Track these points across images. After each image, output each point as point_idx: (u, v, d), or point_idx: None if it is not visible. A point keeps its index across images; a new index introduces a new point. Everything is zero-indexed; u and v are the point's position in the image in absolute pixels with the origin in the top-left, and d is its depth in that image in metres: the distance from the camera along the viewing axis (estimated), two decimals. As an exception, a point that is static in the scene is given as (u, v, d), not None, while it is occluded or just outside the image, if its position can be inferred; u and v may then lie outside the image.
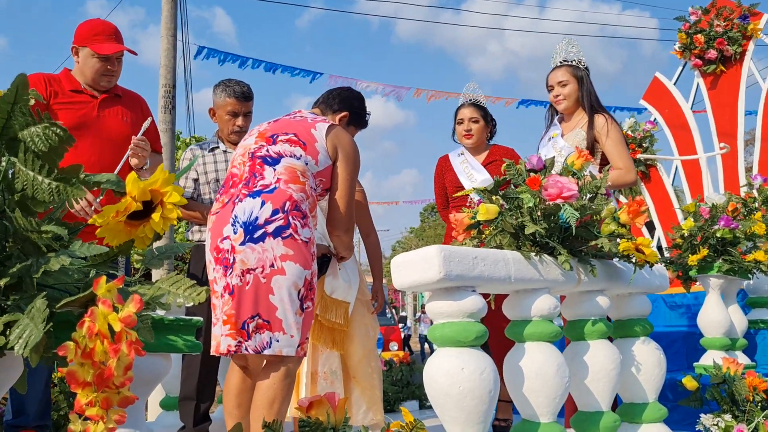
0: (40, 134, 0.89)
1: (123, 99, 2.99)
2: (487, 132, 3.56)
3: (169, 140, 9.01)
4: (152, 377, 1.19)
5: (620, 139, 3.13)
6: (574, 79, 3.21)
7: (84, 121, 2.80)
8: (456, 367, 1.96)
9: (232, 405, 2.36)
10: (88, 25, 2.90)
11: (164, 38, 9.17)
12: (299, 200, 2.27)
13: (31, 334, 0.80)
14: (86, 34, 2.86)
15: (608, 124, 3.13)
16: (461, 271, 1.99)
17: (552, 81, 3.26)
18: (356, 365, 2.86)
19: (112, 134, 2.86)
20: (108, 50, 2.83)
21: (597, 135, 3.14)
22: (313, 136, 2.37)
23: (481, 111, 3.52)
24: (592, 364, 2.40)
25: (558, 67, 3.26)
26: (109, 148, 2.83)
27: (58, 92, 2.80)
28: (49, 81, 2.81)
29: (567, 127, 3.29)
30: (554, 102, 3.28)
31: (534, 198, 2.25)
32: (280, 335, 2.16)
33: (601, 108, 3.24)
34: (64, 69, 2.95)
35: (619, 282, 2.52)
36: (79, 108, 2.81)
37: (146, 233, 1.03)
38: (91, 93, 2.86)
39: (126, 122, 2.93)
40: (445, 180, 3.61)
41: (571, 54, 3.27)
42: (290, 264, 2.19)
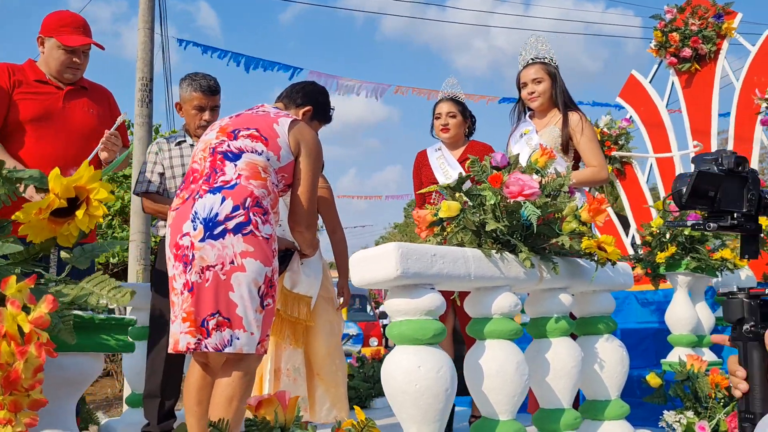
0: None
1: (89, 92, 2.95)
2: (465, 127, 3.55)
3: (146, 134, 8.92)
4: (80, 378, 1.16)
5: (594, 137, 3.15)
6: (548, 77, 3.21)
7: (49, 112, 2.76)
8: (413, 365, 1.95)
9: (192, 402, 2.33)
10: (57, 16, 2.86)
11: (141, 31, 9.07)
12: (260, 196, 2.25)
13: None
14: (54, 25, 2.82)
15: (582, 122, 3.14)
16: (419, 269, 1.98)
17: (525, 78, 3.26)
18: (320, 362, 2.85)
19: (78, 126, 2.82)
20: (74, 42, 2.80)
21: (571, 132, 3.14)
22: (276, 131, 2.35)
23: (459, 106, 3.51)
24: (554, 361, 2.40)
25: (531, 65, 3.25)
26: (74, 140, 2.79)
27: (22, 81, 2.75)
28: (13, 71, 2.76)
29: (540, 124, 3.29)
30: (528, 99, 3.28)
31: (495, 195, 2.25)
32: (241, 333, 2.14)
33: (574, 105, 3.25)
34: (28, 59, 2.90)
35: (582, 279, 2.52)
36: (44, 99, 2.77)
37: (71, 231, 1.01)
38: (56, 84, 2.82)
39: (92, 114, 2.89)
40: (422, 175, 3.60)
41: (541, 51, 3.27)
42: (250, 261, 2.17)
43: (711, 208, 1.25)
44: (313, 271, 2.88)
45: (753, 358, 1.16)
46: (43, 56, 2.82)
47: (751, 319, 1.18)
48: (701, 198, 1.23)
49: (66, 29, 2.81)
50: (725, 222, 1.25)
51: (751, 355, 1.16)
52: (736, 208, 1.23)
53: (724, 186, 1.22)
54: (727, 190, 1.23)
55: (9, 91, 2.68)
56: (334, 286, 3.03)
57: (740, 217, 1.23)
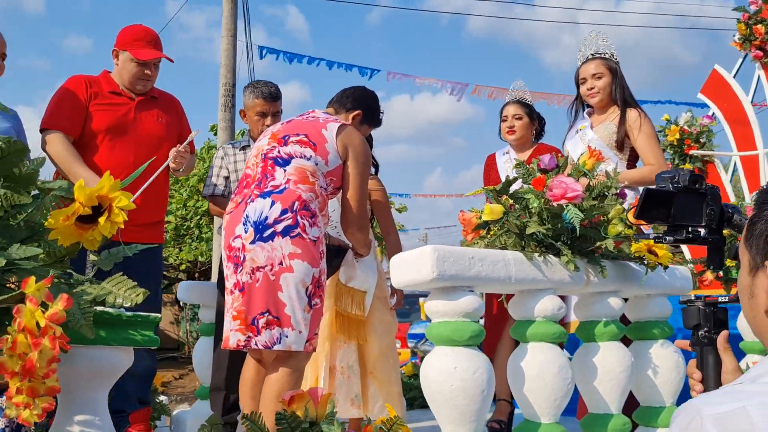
0: (-18, 148, 0.99)
1: (159, 101, 3.14)
2: (532, 129, 3.53)
3: (229, 137, 9.29)
4: (110, 369, 1.27)
5: (652, 135, 3.07)
6: (609, 72, 3.16)
7: (122, 122, 2.95)
8: (449, 365, 1.99)
9: (247, 396, 2.46)
10: (130, 30, 3.05)
11: (224, 38, 9.47)
12: (308, 200, 2.34)
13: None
14: (127, 39, 3.01)
15: (641, 119, 3.07)
16: (456, 271, 2.01)
17: (584, 74, 3.21)
18: (374, 361, 2.92)
19: (148, 135, 3.01)
20: (146, 56, 2.98)
21: (628, 129, 3.08)
22: (324, 137, 2.43)
23: (526, 108, 3.49)
24: (602, 365, 2.37)
25: (591, 60, 3.20)
26: (145, 148, 2.97)
27: (98, 93, 2.95)
28: (90, 83, 2.97)
29: (597, 120, 3.23)
30: (587, 95, 3.23)
31: (539, 199, 2.25)
32: (289, 331, 2.24)
33: (633, 102, 3.18)
34: (103, 71, 3.10)
35: (633, 283, 2.48)
36: (117, 109, 2.96)
37: (95, 236, 1.12)
38: (128, 95, 3.01)
39: (161, 123, 3.08)
40: (491, 178, 3.61)
41: (601, 47, 3.22)
42: (298, 262, 2.26)
43: (668, 222, 1.33)
44: (368, 267, 2.95)
45: (708, 361, 1.22)
46: (117, 68, 3.02)
47: (705, 325, 1.26)
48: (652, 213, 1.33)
49: (139, 43, 3.00)
50: (680, 235, 1.34)
51: (706, 358, 1.23)
52: (694, 222, 1.31)
53: (678, 202, 1.31)
54: (682, 206, 1.30)
55: (86, 103, 2.88)
56: (388, 287, 3.09)
57: (696, 231, 1.31)
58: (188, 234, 13.78)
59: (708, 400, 0.71)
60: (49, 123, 2.84)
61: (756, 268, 0.88)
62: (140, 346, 1.25)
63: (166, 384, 12.40)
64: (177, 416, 3.59)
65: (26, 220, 1.17)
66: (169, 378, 12.97)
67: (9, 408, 0.95)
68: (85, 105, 2.89)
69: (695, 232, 1.32)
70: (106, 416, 1.27)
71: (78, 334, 1.04)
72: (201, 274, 14.50)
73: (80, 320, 1.01)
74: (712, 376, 1.21)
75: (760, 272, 0.87)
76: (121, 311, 1.20)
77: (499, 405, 3.19)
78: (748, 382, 0.78)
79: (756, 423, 0.66)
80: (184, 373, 13.23)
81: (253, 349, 2.37)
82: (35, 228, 1.15)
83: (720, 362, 1.17)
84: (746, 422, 0.67)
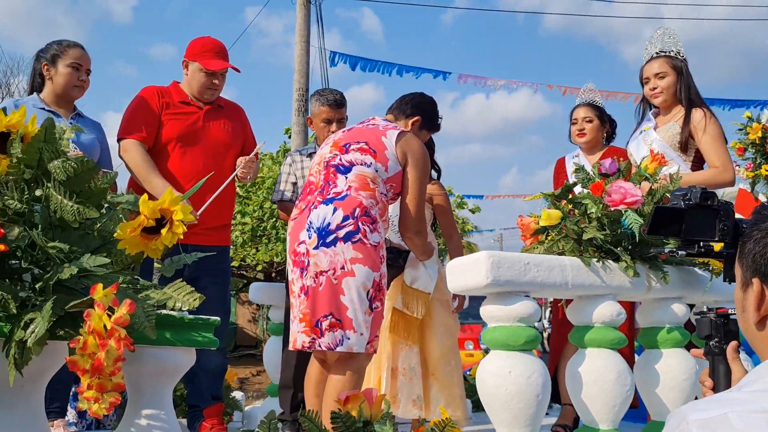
0: (59, 166, 1.10)
1: (225, 110, 3.28)
2: (602, 132, 3.48)
3: (303, 141, 9.54)
4: (174, 368, 1.38)
5: (718, 136, 2.98)
6: (673, 71, 3.07)
7: (192, 131, 3.10)
8: (504, 369, 2.02)
9: (311, 394, 2.55)
10: (200, 42, 3.20)
11: (298, 44, 9.72)
12: (369, 206, 2.41)
13: (39, 330, 1.00)
14: (197, 50, 3.17)
15: (705, 119, 2.98)
16: (511, 277, 2.03)
17: (648, 73, 3.13)
18: (435, 363, 2.96)
19: (216, 143, 3.16)
20: (215, 66, 3.12)
21: (693, 130, 3.00)
22: (384, 144, 2.50)
23: (596, 111, 3.45)
24: (665, 373, 2.33)
25: (655, 58, 3.12)
26: (212, 156, 3.12)
27: (169, 103, 3.11)
28: (161, 93, 3.13)
29: (662, 121, 3.15)
30: (650, 96, 3.15)
31: (597, 204, 2.24)
32: (351, 333, 2.32)
33: (700, 102, 3.09)
34: (173, 82, 3.26)
35: (697, 289, 2.43)
36: (187, 118, 3.11)
37: (158, 246, 1.22)
38: (197, 104, 3.16)
39: (228, 131, 3.22)
40: (560, 182, 3.59)
41: (668, 44, 3.14)
42: (359, 266, 2.34)
43: (680, 238, 1.41)
44: (431, 269, 3.00)
45: (719, 370, 1.28)
46: (186, 78, 3.18)
47: (716, 336, 1.31)
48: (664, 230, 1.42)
49: (208, 54, 3.15)
50: (693, 249, 1.42)
51: (717, 368, 1.29)
52: (707, 237, 1.37)
53: (689, 218, 1.39)
54: (694, 222, 1.38)
55: (159, 113, 3.05)
56: (449, 290, 3.13)
57: (708, 245, 1.39)
58: (265, 235, 14.14)
59: (695, 407, 0.78)
60: (126, 132, 3.02)
61: (746, 285, 0.94)
62: (201, 347, 1.35)
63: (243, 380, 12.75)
64: (249, 412, 3.75)
65: (100, 230, 1.28)
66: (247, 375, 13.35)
67: (81, 402, 1.06)
68: (158, 114, 3.06)
69: (707, 247, 1.39)
70: (170, 411, 1.37)
71: (144, 335, 1.14)
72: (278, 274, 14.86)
73: (144, 322, 1.11)
74: (722, 384, 1.26)
75: (749, 288, 0.93)
76: (184, 314, 1.31)
77: (564, 409, 3.18)
78: (735, 390, 0.84)
79: (736, 428, 0.72)
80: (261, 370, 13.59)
81: (318, 350, 2.46)
82: (107, 237, 1.26)
83: (730, 371, 1.23)
84: (727, 428, 0.72)
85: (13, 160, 1.14)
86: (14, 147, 1.14)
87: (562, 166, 3.58)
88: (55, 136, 1.13)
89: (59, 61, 2.94)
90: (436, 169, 3.26)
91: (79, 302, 1.09)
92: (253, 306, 17.28)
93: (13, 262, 1.17)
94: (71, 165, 1.12)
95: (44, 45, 3.02)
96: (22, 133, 1.14)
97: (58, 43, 2.99)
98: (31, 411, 1.22)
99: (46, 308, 1.05)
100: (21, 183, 1.16)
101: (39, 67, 2.99)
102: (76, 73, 2.97)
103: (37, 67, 3.00)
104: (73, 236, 1.22)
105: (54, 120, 1.18)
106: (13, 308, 1.08)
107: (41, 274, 1.14)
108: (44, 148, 1.11)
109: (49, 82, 2.98)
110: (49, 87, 2.98)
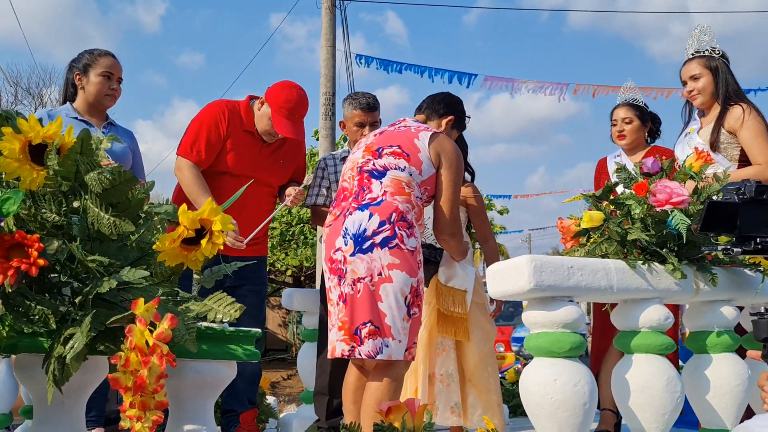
0: (95, 178, 1.08)
1: (286, 143, 3.21)
2: (644, 132, 3.40)
3: (329, 145, 9.52)
4: (215, 381, 1.34)
5: (760, 132, 2.88)
6: (708, 71, 3.00)
7: (249, 164, 3.05)
8: (549, 377, 1.96)
9: (349, 401, 2.51)
10: (285, 94, 3.01)
11: (324, 49, 9.71)
12: (405, 211, 2.36)
13: (78, 346, 0.97)
14: (278, 100, 3.00)
15: (744, 115, 2.89)
16: (554, 281, 1.97)
17: (685, 76, 3.08)
18: (472, 369, 2.90)
19: (269, 179, 3.15)
20: (285, 132, 3.01)
21: (731, 128, 2.92)
22: (417, 147, 2.45)
23: (636, 111, 3.37)
24: (715, 378, 2.25)
25: (690, 60, 3.07)
26: (265, 189, 3.12)
27: (235, 132, 3.04)
28: (230, 115, 3.03)
29: (705, 122, 3.09)
30: (689, 98, 3.10)
31: (641, 205, 2.17)
32: (390, 341, 2.28)
33: (739, 97, 3.00)
34: (246, 99, 3.15)
35: (748, 291, 2.34)
36: (249, 150, 3.06)
37: (197, 256, 1.19)
38: (261, 140, 3.10)
39: (282, 166, 3.21)
40: (601, 182, 3.51)
41: (703, 43, 3.06)
42: (397, 272, 2.29)
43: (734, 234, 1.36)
44: (468, 268, 2.95)
45: None
46: (259, 113, 3.08)
47: None
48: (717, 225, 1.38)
49: (283, 111, 2.98)
50: (749, 246, 1.37)
51: None
52: (763, 233, 1.32)
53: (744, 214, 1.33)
54: (749, 217, 1.32)
55: (223, 139, 3.01)
56: (486, 294, 3.07)
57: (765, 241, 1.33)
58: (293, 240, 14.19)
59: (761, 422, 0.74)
60: (185, 152, 2.99)
61: None
62: (243, 360, 1.32)
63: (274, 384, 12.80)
64: (284, 419, 3.72)
65: (137, 241, 1.26)
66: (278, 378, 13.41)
67: (123, 420, 1.03)
68: (222, 140, 3.01)
69: (764, 243, 1.33)
70: (212, 425, 1.34)
71: (184, 348, 1.11)
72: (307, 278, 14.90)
73: (184, 336, 1.08)
74: None
75: None
76: (225, 326, 1.27)
77: (603, 415, 3.10)
78: None
79: None
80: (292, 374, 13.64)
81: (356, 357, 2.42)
82: (145, 249, 1.23)
83: None
84: None
85: (50, 173, 1.12)
86: (50, 159, 1.12)
87: (604, 166, 3.50)
88: (92, 148, 1.11)
89: (91, 71, 2.95)
90: (469, 171, 3.21)
91: (119, 317, 1.06)
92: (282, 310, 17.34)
93: (52, 276, 1.15)
94: (107, 177, 1.09)
95: (76, 55, 3.03)
96: (58, 144, 1.12)
97: (89, 53, 2.99)
98: (72, 426, 1.19)
99: (85, 323, 1.02)
100: (58, 195, 1.14)
101: (71, 77, 3.00)
102: (107, 81, 2.97)
103: (70, 77, 3.01)
104: (111, 248, 1.20)
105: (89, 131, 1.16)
106: (53, 323, 1.06)
107: (80, 288, 1.11)
108: (81, 160, 1.09)
109: (81, 92, 2.99)
110: (81, 96, 2.99)
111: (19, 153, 1.10)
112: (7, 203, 1.01)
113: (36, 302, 1.07)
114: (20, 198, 1.03)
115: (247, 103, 3.14)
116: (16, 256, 1.04)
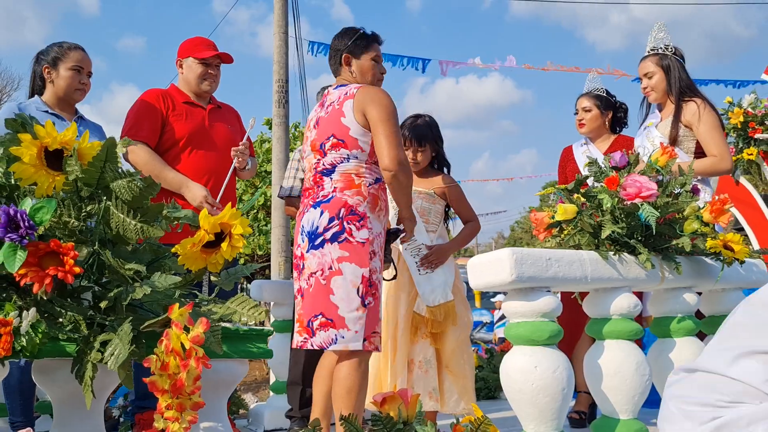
0: (125, 186, 1.09)
1: (224, 110, 3.29)
2: (604, 121, 3.51)
3: (284, 133, 9.44)
4: (230, 379, 1.38)
5: (715, 125, 3.04)
6: (660, 69, 3.16)
7: (199, 130, 3.10)
8: (529, 365, 2.05)
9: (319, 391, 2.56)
10: (189, 41, 3.25)
11: (276, 35, 9.60)
12: (355, 204, 2.41)
13: (120, 353, 1.00)
14: (188, 46, 3.20)
15: (699, 110, 3.05)
16: (534, 273, 2.06)
17: (640, 72, 3.23)
18: (449, 355, 2.99)
19: (221, 141, 3.15)
20: (208, 54, 3.14)
21: (688, 122, 3.07)
22: (345, 125, 2.43)
23: (596, 100, 3.49)
24: (678, 361, 2.38)
25: (645, 58, 3.22)
26: (218, 154, 3.12)
27: (174, 105, 3.10)
28: (164, 96, 3.11)
29: (663, 116, 3.23)
30: (645, 94, 3.25)
31: (612, 198, 2.27)
32: (345, 331, 2.34)
33: (693, 93, 3.15)
34: (171, 84, 3.25)
35: (708, 278, 2.48)
36: (194, 118, 3.10)
37: (218, 260, 1.22)
38: (200, 104, 3.15)
39: (231, 130, 3.23)
40: (567, 170, 3.62)
41: (659, 40, 3.21)
42: (346, 264, 2.36)
43: None
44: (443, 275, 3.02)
45: None
46: (182, 76, 3.17)
47: None
48: None
49: (199, 47, 3.19)
50: None
51: None
52: None
53: None
54: None
55: (165, 114, 3.03)
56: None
57: None
58: (247, 226, 14.00)
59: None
60: (131, 135, 2.98)
61: None
62: (257, 358, 1.36)
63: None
64: (254, 410, 3.75)
65: (148, 243, 1.28)
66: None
67: (158, 422, 1.06)
68: (163, 116, 3.03)
69: None
70: (226, 422, 1.38)
71: (209, 349, 1.14)
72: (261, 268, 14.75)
73: (210, 338, 1.11)
74: None
75: None
76: (238, 326, 1.31)
77: (579, 396, 3.25)
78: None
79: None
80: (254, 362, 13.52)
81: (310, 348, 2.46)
82: (159, 252, 1.26)
83: None
84: None
85: (68, 178, 1.13)
86: (70, 164, 1.12)
87: (570, 154, 3.62)
88: (116, 155, 1.12)
89: (61, 64, 2.90)
90: (446, 164, 3.28)
91: (153, 321, 1.08)
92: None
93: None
94: (138, 185, 1.11)
95: (44, 47, 2.97)
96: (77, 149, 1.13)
97: (59, 46, 2.94)
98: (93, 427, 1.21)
99: (125, 330, 1.05)
100: (76, 200, 1.15)
101: (39, 70, 2.94)
102: (77, 75, 2.92)
103: (38, 70, 2.95)
104: (125, 251, 1.22)
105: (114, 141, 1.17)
106: (84, 329, 1.07)
107: (102, 293, 1.13)
108: (107, 168, 1.10)
109: (50, 85, 2.93)
110: (50, 90, 2.93)
111: (35, 159, 1.11)
112: (41, 212, 1.02)
113: (66, 308, 1.08)
114: (53, 207, 1.04)
115: (172, 85, 3.25)
116: (48, 263, 1.05)
